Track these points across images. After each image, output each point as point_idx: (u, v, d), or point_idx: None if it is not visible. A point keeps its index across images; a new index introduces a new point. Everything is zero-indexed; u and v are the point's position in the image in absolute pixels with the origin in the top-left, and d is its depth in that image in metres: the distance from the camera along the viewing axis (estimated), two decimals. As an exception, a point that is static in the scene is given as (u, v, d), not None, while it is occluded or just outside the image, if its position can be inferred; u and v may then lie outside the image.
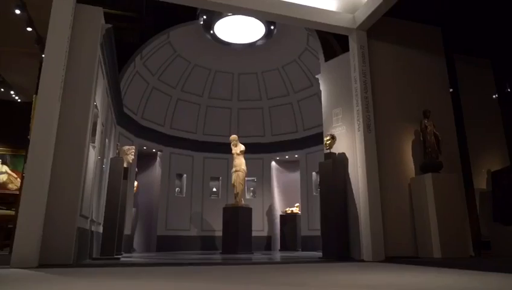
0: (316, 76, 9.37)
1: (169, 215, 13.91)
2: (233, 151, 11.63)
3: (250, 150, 12.47)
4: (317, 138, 14.18)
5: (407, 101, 8.33)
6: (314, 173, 14.36)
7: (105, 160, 9.19)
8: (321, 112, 9.18)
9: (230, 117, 15.53)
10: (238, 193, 11.20)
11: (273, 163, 15.77)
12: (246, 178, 12.48)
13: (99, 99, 7.31)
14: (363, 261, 7.06)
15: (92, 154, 7.33)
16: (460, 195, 7.70)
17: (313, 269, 5.15)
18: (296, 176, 15.38)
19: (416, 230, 7.49)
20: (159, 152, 14.40)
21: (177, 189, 14.48)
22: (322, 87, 9.12)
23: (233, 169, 11.45)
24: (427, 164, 7.68)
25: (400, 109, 8.24)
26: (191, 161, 14.96)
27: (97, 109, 7.28)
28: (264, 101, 15.47)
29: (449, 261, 6.06)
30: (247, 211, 11.34)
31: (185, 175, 14.72)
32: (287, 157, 15.50)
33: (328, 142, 8.11)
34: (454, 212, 7.23)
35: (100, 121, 7.79)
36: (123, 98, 12.10)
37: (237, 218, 10.89)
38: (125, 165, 10.38)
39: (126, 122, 12.39)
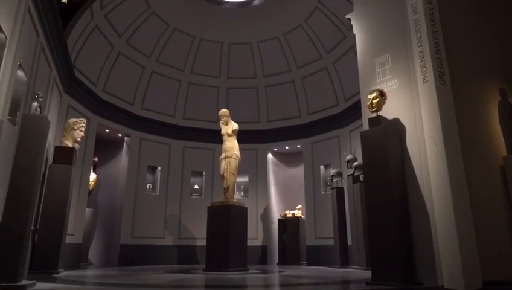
0: (347, 16, 6.55)
1: (138, 219, 10.78)
2: (222, 131, 8.68)
3: (242, 139, 9.42)
4: (326, 123, 11.41)
5: (488, 49, 5.62)
6: (322, 167, 11.52)
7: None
8: (332, 91, 6.47)
9: (217, 98, 12.58)
10: (229, 187, 8.24)
11: (270, 155, 12.86)
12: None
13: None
14: (443, 289, 4.22)
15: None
16: None
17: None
18: (298, 171, 12.51)
19: (518, 238, 4.71)
20: (126, 137, 11.28)
21: (148, 185, 11.38)
22: (356, 30, 6.30)
23: (223, 155, 8.49)
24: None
25: (479, 59, 5.51)
26: (167, 150, 11.90)
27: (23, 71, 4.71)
28: (260, 79, 12.61)
29: None
30: (241, 211, 8.38)
31: (159, 168, 11.64)
32: (287, 148, 12.62)
33: (374, 101, 5.25)
34: None
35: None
36: (75, 59, 9.01)
37: (227, 221, 7.90)
38: (69, 144, 7.31)
39: (79, 92, 9.28)
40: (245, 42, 12.16)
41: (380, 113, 5.30)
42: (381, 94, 5.26)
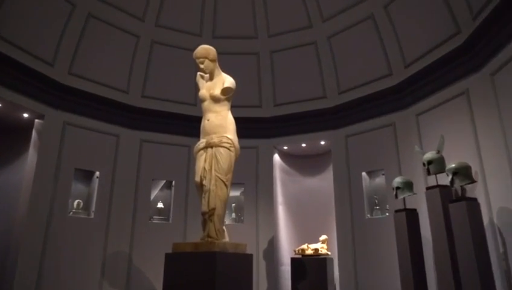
0: None
1: (51, 262, 6.10)
2: (202, 92, 4.30)
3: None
4: (372, 104, 7.11)
5: None
6: (365, 175, 7.16)
7: None
8: (381, 54, 5.54)
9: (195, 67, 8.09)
10: (213, 211, 3.76)
11: (277, 157, 8.41)
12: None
13: None
14: None
15: None
16: None
17: None
18: (322, 181, 8.13)
19: None
20: (37, 120, 6.63)
21: (76, 202, 6.72)
22: None
23: (202, 141, 4.09)
24: None
25: None
26: (113, 144, 7.33)
27: None
28: (262, 39, 8.28)
29: None
30: (240, 265, 3.88)
31: (97, 174, 7.03)
32: (303, 145, 8.20)
33: None
34: None
35: None
36: None
37: (211, 286, 3.37)
38: None
39: None
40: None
41: None
42: None
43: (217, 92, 4.19)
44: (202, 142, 4.19)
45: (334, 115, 7.65)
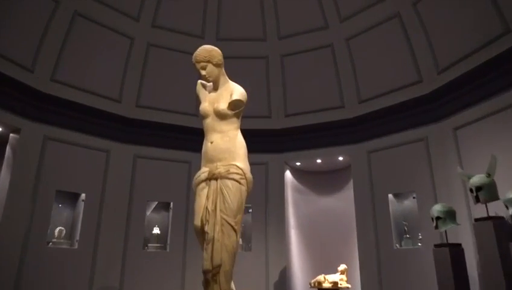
0: None
1: (25, 304, 5.16)
2: (204, 106, 3.40)
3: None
4: (399, 115, 6.19)
5: None
6: (392, 197, 6.20)
7: None
8: (409, 58, 4.81)
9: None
10: (219, 268, 2.83)
11: (288, 174, 7.47)
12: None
13: None
14: None
15: None
16: None
17: None
18: (339, 200, 7.21)
19: None
20: (12, 135, 5.70)
21: (58, 230, 5.78)
22: None
23: (204, 171, 3.18)
24: None
25: None
26: (102, 161, 6.40)
27: None
28: (272, 42, 7.39)
29: None
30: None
31: (82, 196, 6.09)
32: (319, 161, 7.26)
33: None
34: None
35: None
36: None
37: None
38: None
39: None
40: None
41: None
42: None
43: (223, 106, 3.28)
44: (204, 171, 3.24)
45: (353, 128, 6.72)
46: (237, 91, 3.33)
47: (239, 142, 3.31)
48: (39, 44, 5.87)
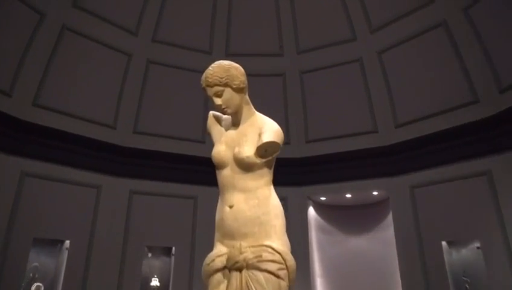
0: None
1: None
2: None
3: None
4: (447, 144, 5.05)
5: None
6: (445, 244, 5.02)
7: None
8: (460, 76, 4.08)
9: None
10: None
11: (312, 211, 6.36)
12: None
13: None
14: None
15: None
16: None
17: None
18: (373, 240, 6.07)
19: None
20: (-19, 171, 4.77)
21: (35, 287, 4.73)
22: None
23: (230, 252, 1.94)
24: None
25: None
26: (92, 199, 5.39)
27: None
28: (290, 57, 6.43)
29: None
30: None
31: (66, 243, 5.06)
32: (348, 196, 6.14)
33: None
34: None
35: None
36: None
37: None
38: None
39: None
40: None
41: None
42: None
43: (249, 151, 2.09)
44: (220, 255, 2.03)
45: (391, 157, 5.62)
46: (269, 128, 2.16)
47: (274, 207, 2.10)
48: (20, 63, 4.99)
